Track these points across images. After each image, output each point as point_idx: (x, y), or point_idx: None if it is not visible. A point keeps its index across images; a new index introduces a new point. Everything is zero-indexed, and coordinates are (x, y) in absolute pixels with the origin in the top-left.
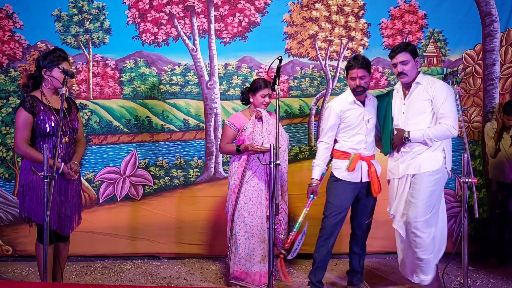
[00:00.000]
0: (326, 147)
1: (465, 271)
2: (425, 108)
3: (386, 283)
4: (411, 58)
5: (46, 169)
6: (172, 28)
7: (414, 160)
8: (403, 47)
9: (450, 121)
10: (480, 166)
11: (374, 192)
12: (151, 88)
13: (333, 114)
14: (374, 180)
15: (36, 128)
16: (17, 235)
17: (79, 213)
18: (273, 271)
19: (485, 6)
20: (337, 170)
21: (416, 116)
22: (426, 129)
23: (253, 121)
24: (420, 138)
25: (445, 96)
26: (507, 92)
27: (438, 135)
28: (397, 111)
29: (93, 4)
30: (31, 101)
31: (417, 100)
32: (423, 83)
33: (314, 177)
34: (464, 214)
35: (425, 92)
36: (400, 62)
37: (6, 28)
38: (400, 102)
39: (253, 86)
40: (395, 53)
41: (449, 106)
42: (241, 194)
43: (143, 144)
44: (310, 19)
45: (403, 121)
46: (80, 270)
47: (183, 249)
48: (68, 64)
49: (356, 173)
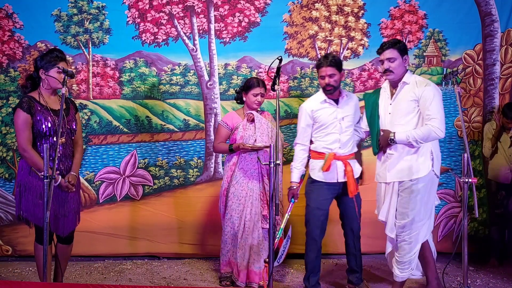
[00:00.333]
0: (303, 148)
1: (465, 271)
2: (412, 108)
3: (386, 283)
4: (398, 55)
5: (46, 169)
6: (172, 28)
7: (401, 166)
8: (392, 43)
9: (436, 122)
10: (480, 166)
11: (350, 192)
12: (151, 88)
13: (305, 115)
14: (350, 180)
15: (33, 129)
16: (17, 235)
17: (77, 214)
18: (273, 271)
19: (485, 6)
20: (313, 170)
21: (403, 116)
22: (412, 131)
23: (244, 125)
24: (405, 140)
25: (432, 97)
26: (507, 92)
27: (424, 136)
28: (384, 111)
29: (93, 4)
30: (28, 101)
31: (404, 100)
32: (410, 83)
33: (293, 180)
34: (464, 214)
35: (412, 93)
36: (387, 59)
37: (6, 28)
38: (386, 102)
39: (246, 85)
40: (382, 50)
41: (436, 107)
42: (231, 194)
43: (143, 144)
44: (310, 19)
45: (389, 121)
46: (80, 270)
47: (183, 249)
48: (66, 64)
49: (332, 174)
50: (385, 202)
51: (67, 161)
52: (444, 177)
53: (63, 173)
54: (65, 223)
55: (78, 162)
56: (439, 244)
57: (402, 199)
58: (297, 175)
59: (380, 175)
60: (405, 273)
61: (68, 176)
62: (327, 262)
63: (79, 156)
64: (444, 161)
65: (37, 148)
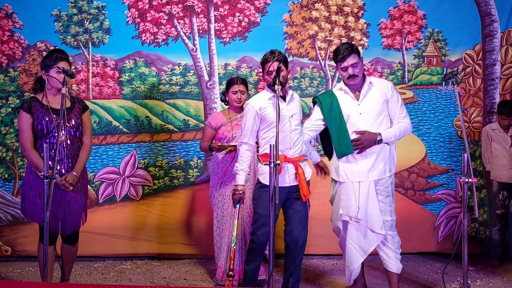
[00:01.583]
0: (248, 148)
1: (465, 271)
2: (383, 109)
3: (386, 283)
4: (358, 59)
5: (46, 169)
6: (171, 28)
7: (381, 164)
8: (350, 49)
9: (408, 120)
10: (480, 167)
11: (303, 196)
12: (151, 88)
13: (253, 113)
14: (303, 183)
15: (33, 128)
16: (16, 236)
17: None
18: (273, 271)
19: (485, 6)
20: (263, 174)
21: (376, 117)
22: (392, 129)
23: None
24: (390, 139)
25: (398, 96)
26: (507, 93)
27: (403, 133)
28: (352, 112)
29: (92, 4)
30: (29, 101)
31: (374, 101)
32: (374, 83)
33: (240, 183)
34: (464, 215)
35: (383, 93)
36: (351, 65)
37: (5, 28)
38: (353, 103)
39: (227, 84)
40: (344, 57)
41: (403, 106)
42: (216, 192)
43: (143, 144)
44: (310, 19)
45: (363, 122)
46: (80, 270)
47: (183, 249)
48: (67, 64)
49: (282, 177)
50: (361, 201)
51: (69, 161)
52: (445, 177)
53: (62, 172)
54: (64, 223)
55: (82, 161)
56: (439, 245)
57: (381, 193)
58: (243, 177)
59: (354, 174)
60: (400, 264)
61: (66, 175)
62: (327, 263)
63: (83, 156)
64: (444, 161)
65: (40, 148)
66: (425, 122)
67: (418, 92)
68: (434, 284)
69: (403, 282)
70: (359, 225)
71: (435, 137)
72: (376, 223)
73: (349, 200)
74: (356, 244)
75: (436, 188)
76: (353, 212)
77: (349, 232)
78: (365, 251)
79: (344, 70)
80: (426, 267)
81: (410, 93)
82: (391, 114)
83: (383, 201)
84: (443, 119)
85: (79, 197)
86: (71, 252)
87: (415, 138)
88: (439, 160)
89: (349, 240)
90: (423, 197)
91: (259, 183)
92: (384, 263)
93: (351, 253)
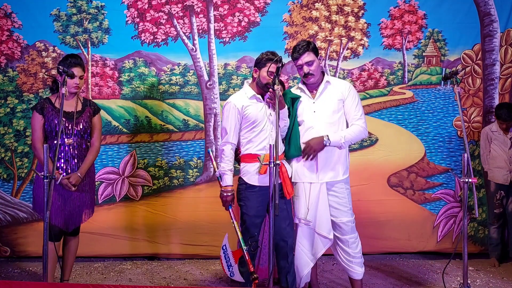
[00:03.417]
0: (232, 148)
1: (465, 271)
2: (339, 107)
3: (386, 283)
4: (314, 57)
5: (46, 169)
6: (171, 28)
7: (332, 166)
8: (306, 46)
9: (362, 122)
10: (479, 166)
11: (287, 194)
12: (150, 88)
13: (235, 111)
14: (287, 181)
15: (43, 129)
16: (15, 236)
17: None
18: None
19: (484, 6)
20: (247, 175)
21: (330, 115)
22: (343, 132)
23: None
24: (339, 141)
25: (356, 97)
26: (506, 92)
27: (355, 137)
28: (307, 110)
29: (92, 3)
30: (43, 102)
31: (330, 99)
32: (332, 82)
33: (229, 183)
34: (464, 214)
35: (339, 92)
36: (306, 63)
37: (4, 28)
38: (308, 101)
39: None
40: (299, 54)
41: (360, 108)
42: None
43: (142, 144)
44: (310, 19)
45: (316, 120)
46: (80, 270)
47: (183, 249)
48: (81, 70)
49: (267, 176)
50: (311, 202)
51: (75, 162)
52: (444, 177)
53: (69, 172)
54: (68, 219)
55: (87, 162)
56: (439, 244)
57: (336, 196)
58: (230, 177)
59: (305, 175)
60: (363, 267)
61: (70, 175)
62: (327, 263)
63: (89, 157)
64: (444, 161)
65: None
66: (424, 122)
67: (418, 92)
68: (434, 284)
69: (403, 282)
70: (308, 228)
71: (434, 136)
72: (324, 226)
73: (299, 201)
74: (305, 248)
75: (435, 187)
76: (302, 214)
77: (299, 236)
78: (315, 256)
79: (300, 68)
80: (425, 267)
81: (410, 93)
82: (346, 114)
83: (339, 203)
84: (442, 119)
85: (84, 195)
86: (73, 244)
87: (414, 137)
88: (438, 159)
89: (299, 244)
90: (422, 196)
91: (244, 184)
92: (346, 271)
93: (300, 258)
